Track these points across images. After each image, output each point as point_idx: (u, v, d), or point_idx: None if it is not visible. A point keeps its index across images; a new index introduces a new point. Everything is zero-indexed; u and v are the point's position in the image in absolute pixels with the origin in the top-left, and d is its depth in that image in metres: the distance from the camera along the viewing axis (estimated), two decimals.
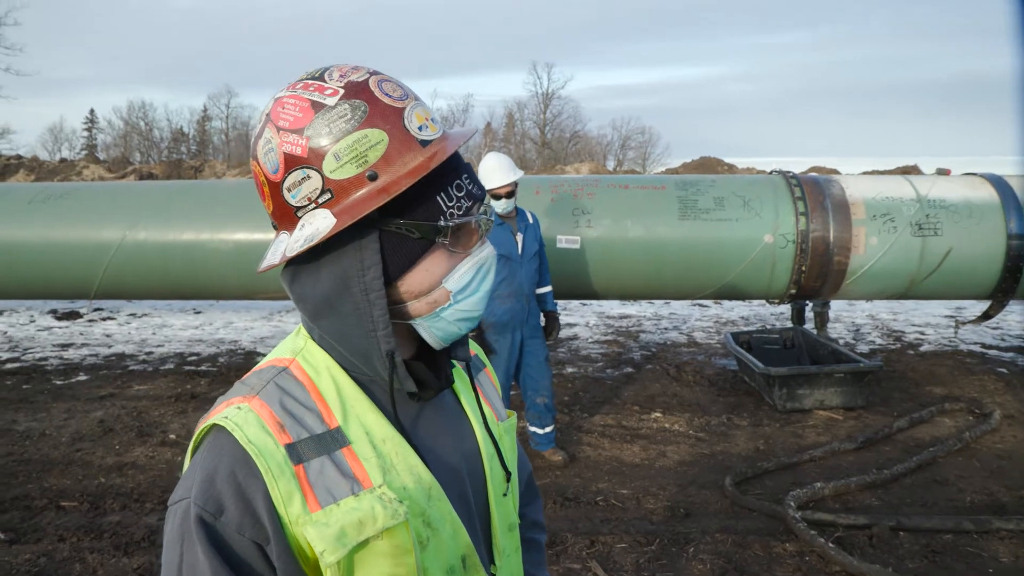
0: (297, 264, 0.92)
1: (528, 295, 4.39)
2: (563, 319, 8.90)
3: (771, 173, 5.84)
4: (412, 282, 0.91)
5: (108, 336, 8.23)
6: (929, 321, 8.50)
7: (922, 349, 7.20)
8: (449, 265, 0.92)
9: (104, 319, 9.20)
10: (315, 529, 0.82)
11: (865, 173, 14.56)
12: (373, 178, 0.85)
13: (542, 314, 4.64)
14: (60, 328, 8.69)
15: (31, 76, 34.71)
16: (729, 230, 5.25)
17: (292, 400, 0.89)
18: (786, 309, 7.71)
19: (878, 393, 5.66)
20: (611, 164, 47.64)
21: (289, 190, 0.88)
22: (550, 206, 5.42)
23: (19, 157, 19.53)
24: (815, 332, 6.30)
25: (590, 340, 7.85)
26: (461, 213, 0.91)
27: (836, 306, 8.45)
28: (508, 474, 1.06)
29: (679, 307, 9.52)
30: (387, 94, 0.88)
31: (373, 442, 0.89)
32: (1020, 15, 0.89)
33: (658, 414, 5.41)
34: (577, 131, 52.66)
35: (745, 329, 7.36)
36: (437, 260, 0.91)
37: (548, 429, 4.60)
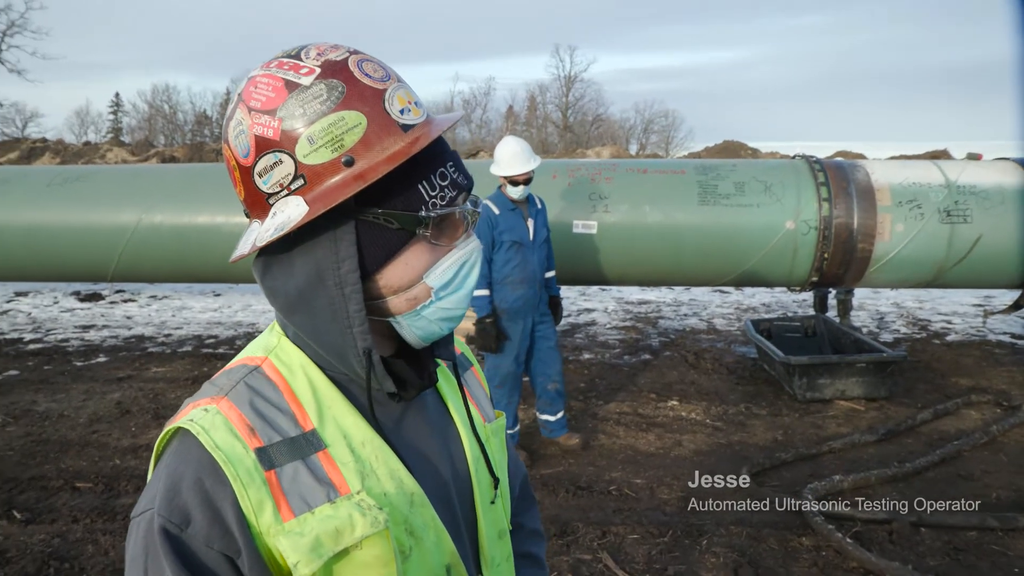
0: (269, 255, 0.86)
1: (540, 281, 4.33)
2: (582, 304, 8.83)
3: (794, 158, 5.70)
4: (391, 276, 0.85)
5: (128, 318, 8.31)
6: (956, 310, 8.29)
7: (949, 339, 7.03)
8: (431, 259, 0.86)
9: (125, 301, 9.28)
10: (288, 539, 0.77)
11: (893, 158, 14.24)
12: (349, 163, 0.79)
13: None
14: (82, 310, 8.79)
15: (57, 60, 34.96)
16: (749, 216, 5.13)
17: (263, 401, 0.83)
18: (809, 296, 7.56)
19: (901, 383, 5.52)
20: (634, 148, 47.16)
21: (260, 175, 0.82)
22: (566, 190, 5.33)
23: (45, 140, 19.78)
24: (837, 320, 6.17)
25: (608, 326, 7.77)
26: (444, 203, 0.85)
27: (860, 294, 8.27)
28: (496, 479, 1.00)
29: (699, 293, 9.39)
30: (367, 74, 0.82)
31: (351, 445, 0.84)
32: (1021, 12, 0.90)
33: (675, 402, 5.33)
34: (599, 115, 52.20)
35: (766, 316, 7.24)
36: (418, 253, 0.85)
37: (560, 415, 4.55)
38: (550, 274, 4.49)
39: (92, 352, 6.80)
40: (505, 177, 4.17)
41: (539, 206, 4.36)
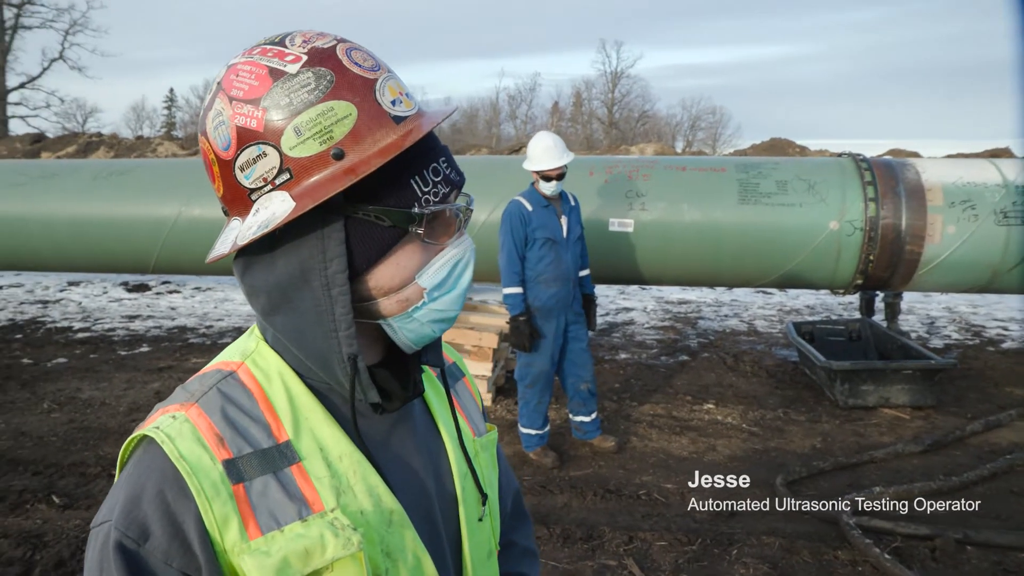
0: (250, 255, 0.81)
1: (574, 279, 4.26)
2: (621, 303, 8.72)
3: (840, 156, 5.51)
4: (381, 277, 0.80)
5: (172, 309, 8.50)
6: (1014, 316, 7.93)
7: (1004, 346, 6.73)
8: (423, 259, 0.81)
9: (170, 292, 9.50)
10: (253, 559, 0.72)
11: (950, 156, 13.72)
12: (339, 156, 0.74)
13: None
14: (129, 300, 9.02)
15: (115, 57, 36.14)
16: (791, 215, 4.97)
17: (236, 409, 0.78)
18: (855, 299, 7.32)
19: (951, 392, 5.30)
20: (680, 145, 46.55)
21: (242, 169, 0.76)
22: (603, 187, 5.24)
23: (100, 135, 20.41)
24: (884, 324, 5.96)
25: (646, 325, 7.65)
26: (437, 200, 0.80)
27: (909, 297, 7.98)
28: (484, 496, 0.94)
29: (741, 294, 9.19)
30: (356, 63, 0.77)
31: (328, 459, 0.79)
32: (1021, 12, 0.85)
33: (711, 405, 5.21)
34: (645, 111, 51.60)
35: (808, 319, 7.03)
36: (409, 253, 0.80)
37: (594, 416, 4.48)
38: (584, 272, 4.42)
39: (136, 342, 6.96)
40: (537, 172, 4.12)
41: (572, 203, 4.30)
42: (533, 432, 4.33)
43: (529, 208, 4.14)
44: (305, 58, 0.76)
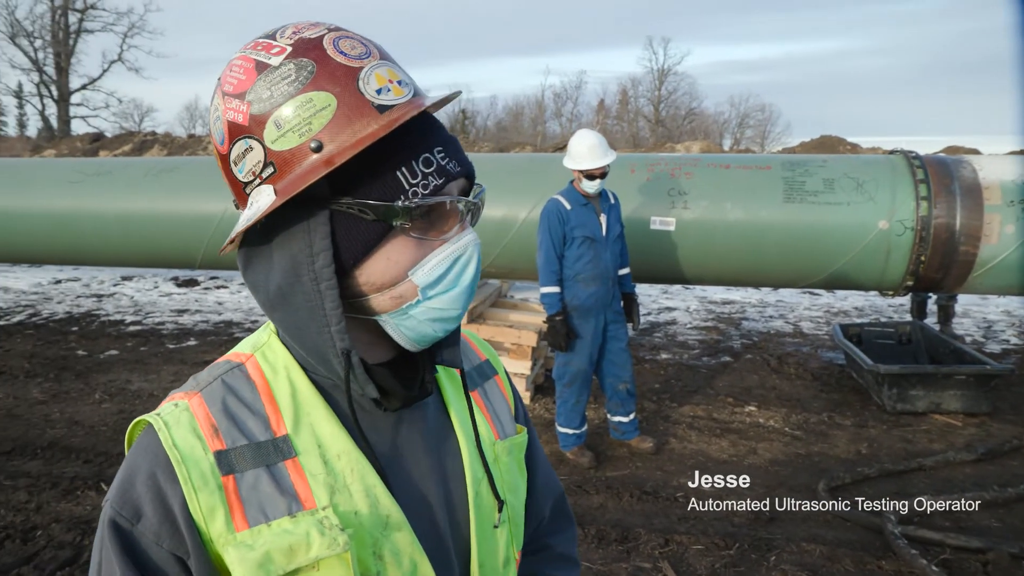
0: (250, 247, 0.81)
1: (613, 278, 4.22)
2: (663, 302, 8.62)
3: (891, 153, 5.33)
4: (372, 272, 0.77)
5: (219, 304, 8.70)
6: None
7: None
8: (418, 254, 0.78)
9: (218, 287, 9.72)
10: (236, 551, 0.72)
11: (1013, 153, 13.18)
12: (318, 149, 0.72)
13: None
14: (179, 295, 9.26)
15: (170, 58, 37.26)
16: (839, 214, 4.83)
17: (237, 401, 0.78)
18: (906, 301, 7.09)
19: (1008, 399, 5.09)
20: (727, 143, 45.78)
21: (235, 164, 0.77)
22: (644, 185, 5.17)
23: (154, 134, 21.05)
24: (936, 328, 5.76)
25: (688, 325, 7.55)
26: (427, 192, 0.76)
27: (965, 300, 7.69)
28: (501, 503, 0.90)
29: (787, 294, 8.99)
30: (342, 51, 0.75)
31: (325, 456, 0.78)
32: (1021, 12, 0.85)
33: (753, 408, 5.11)
34: (693, 108, 50.89)
35: (856, 321, 6.85)
36: (401, 247, 0.77)
37: (632, 416, 4.43)
38: (624, 271, 4.37)
39: (184, 335, 7.15)
40: (581, 171, 4.08)
41: (612, 201, 4.25)
42: (570, 431, 4.31)
43: (567, 206, 4.11)
44: (289, 49, 0.75)
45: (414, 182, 0.75)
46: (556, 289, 4.13)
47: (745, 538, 3.39)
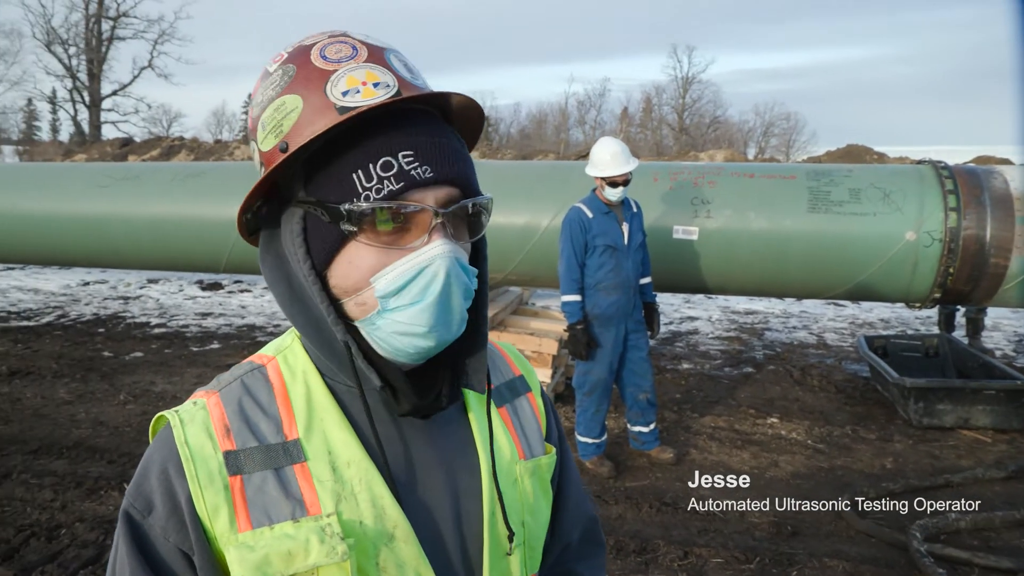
0: (262, 247, 0.85)
1: (634, 287, 4.19)
2: (686, 312, 8.56)
3: (919, 163, 5.25)
4: (337, 275, 0.77)
5: (243, 307, 8.78)
6: None
7: None
8: (380, 262, 0.75)
9: (242, 291, 9.82)
10: (237, 552, 0.73)
11: None
12: (284, 150, 0.75)
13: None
14: (203, 298, 9.37)
15: (198, 64, 37.90)
16: (864, 225, 4.76)
17: (252, 402, 0.79)
18: (933, 313, 6.97)
19: None
20: (752, 152, 45.43)
21: (253, 162, 0.84)
22: (667, 194, 5.15)
23: (181, 139, 21.37)
24: (965, 341, 5.65)
25: (711, 335, 7.48)
26: (381, 197, 0.72)
27: (995, 313, 7.54)
28: (511, 533, 0.85)
29: (811, 305, 8.89)
30: (324, 56, 0.76)
31: (334, 463, 0.77)
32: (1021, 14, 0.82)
33: (775, 419, 5.05)
34: (717, 117, 50.63)
35: (882, 333, 6.75)
36: (363, 252, 0.75)
37: (653, 426, 4.40)
38: (645, 280, 4.34)
39: (207, 338, 7.23)
40: (603, 179, 4.07)
41: (635, 209, 4.23)
42: (590, 441, 4.28)
43: (589, 215, 4.10)
44: (285, 56, 0.79)
45: (368, 185, 0.73)
46: (577, 297, 4.12)
47: (766, 552, 3.35)
